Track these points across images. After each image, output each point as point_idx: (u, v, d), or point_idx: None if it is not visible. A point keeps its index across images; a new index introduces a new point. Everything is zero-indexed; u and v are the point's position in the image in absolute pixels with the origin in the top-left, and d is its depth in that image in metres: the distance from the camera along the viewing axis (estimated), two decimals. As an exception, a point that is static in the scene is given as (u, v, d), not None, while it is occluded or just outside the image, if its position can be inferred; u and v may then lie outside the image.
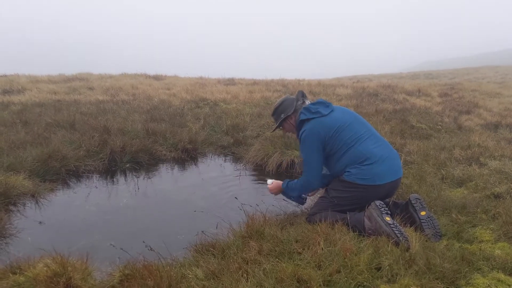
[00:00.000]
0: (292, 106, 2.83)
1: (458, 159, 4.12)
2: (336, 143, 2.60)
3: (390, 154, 2.63)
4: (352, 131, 2.61)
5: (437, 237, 2.39)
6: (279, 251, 2.15)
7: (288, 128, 2.94)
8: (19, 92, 7.85)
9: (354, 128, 2.63)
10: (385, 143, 2.70)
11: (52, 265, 1.93)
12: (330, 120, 2.64)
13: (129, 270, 1.97)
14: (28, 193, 3.25)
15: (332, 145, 2.61)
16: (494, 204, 2.82)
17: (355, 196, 2.57)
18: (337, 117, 2.66)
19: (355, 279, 1.88)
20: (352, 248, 2.10)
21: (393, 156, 2.65)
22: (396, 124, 5.65)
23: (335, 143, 2.60)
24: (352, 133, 2.60)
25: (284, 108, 2.86)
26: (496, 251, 2.20)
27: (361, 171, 2.52)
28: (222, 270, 1.97)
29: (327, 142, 2.62)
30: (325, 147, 2.64)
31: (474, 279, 1.93)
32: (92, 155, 4.14)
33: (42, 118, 5.34)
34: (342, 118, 2.66)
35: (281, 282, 1.84)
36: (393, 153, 2.67)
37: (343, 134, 2.60)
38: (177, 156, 4.58)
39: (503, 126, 5.98)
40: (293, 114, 2.82)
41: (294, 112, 2.82)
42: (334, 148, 2.62)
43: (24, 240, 2.60)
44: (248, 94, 8.07)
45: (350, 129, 2.61)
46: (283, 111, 2.86)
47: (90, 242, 2.59)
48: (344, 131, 2.60)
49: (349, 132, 2.60)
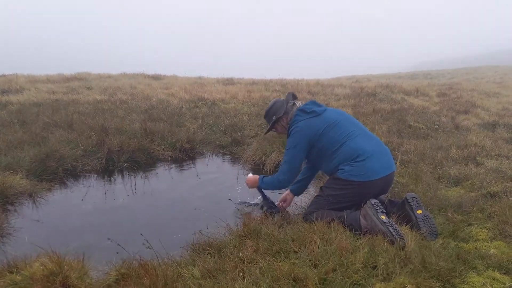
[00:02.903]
0: (283, 107, 2.90)
1: (455, 159, 4.13)
2: (327, 140, 2.66)
3: (381, 149, 2.67)
4: (342, 129, 2.68)
5: (433, 235, 2.40)
6: (276, 250, 2.16)
7: (280, 130, 3.01)
8: (17, 91, 7.83)
9: (344, 125, 2.70)
10: (375, 140, 2.74)
11: (49, 264, 1.94)
12: (321, 119, 2.72)
13: (126, 269, 1.98)
14: (25, 193, 3.25)
15: (324, 142, 2.67)
16: (490, 203, 2.82)
17: (350, 193, 2.58)
18: (329, 116, 2.75)
19: (350, 277, 1.88)
20: (348, 246, 2.11)
21: (385, 151, 2.70)
22: (394, 123, 5.65)
23: (326, 140, 2.66)
24: (343, 130, 2.67)
25: (275, 110, 2.93)
26: (491, 250, 2.20)
27: (354, 167, 2.54)
28: (219, 269, 1.98)
29: (317, 140, 2.68)
30: (314, 146, 2.71)
31: (469, 278, 1.94)
32: (89, 155, 4.14)
33: (39, 117, 5.34)
34: (333, 117, 2.74)
35: (277, 280, 1.85)
36: (384, 148, 2.72)
37: (334, 131, 2.67)
38: (175, 155, 4.58)
39: (501, 126, 5.99)
40: (284, 116, 2.90)
41: (285, 113, 2.89)
42: (325, 145, 2.67)
43: (21, 239, 2.61)
44: (247, 94, 8.08)
45: (340, 127, 2.68)
46: (274, 113, 2.93)
47: (86, 241, 2.59)
48: (334, 128, 2.68)
49: (339, 129, 2.67)
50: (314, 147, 2.71)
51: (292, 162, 2.76)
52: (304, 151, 2.73)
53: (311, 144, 2.71)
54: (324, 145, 2.67)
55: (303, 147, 2.71)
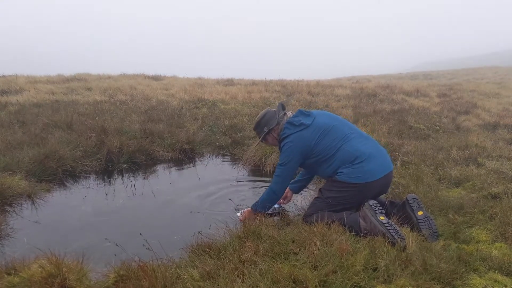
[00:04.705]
0: (275, 118, 2.84)
1: (456, 160, 4.11)
2: (322, 147, 2.63)
3: (378, 150, 2.66)
4: (337, 133, 2.64)
5: (434, 237, 2.38)
6: (276, 252, 2.14)
7: (271, 141, 2.94)
8: (17, 92, 7.83)
9: (338, 129, 2.67)
10: (371, 141, 2.73)
11: (47, 266, 1.92)
12: (311, 130, 2.66)
13: (124, 271, 1.97)
14: (24, 194, 3.24)
15: (319, 150, 2.63)
16: (491, 204, 2.81)
17: (350, 195, 2.57)
18: (320, 123, 2.69)
19: (351, 279, 1.87)
20: (349, 248, 2.10)
21: (381, 152, 2.68)
22: (394, 124, 5.64)
23: (321, 148, 2.63)
24: (338, 134, 2.64)
25: (266, 121, 2.87)
26: (493, 252, 2.19)
27: (353, 170, 2.53)
28: (218, 270, 1.96)
29: (311, 151, 2.64)
30: (308, 157, 2.67)
31: (470, 280, 1.92)
32: (89, 156, 4.13)
33: (39, 118, 5.33)
34: (325, 123, 2.69)
35: (277, 282, 1.83)
36: (380, 149, 2.71)
37: (328, 137, 2.63)
38: (175, 156, 4.57)
39: (501, 127, 5.99)
40: (276, 127, 2.83)
41: (277, 124, 2.83)
42: (321, 153, 2.63)
43: (19, 241, 2.59)
44: (246, 95, 8.08)
45: (335, 131, 2.65)
46: (266, 124, 2.86)
47: (85, 243, 2.57)
48: (329, 134, 2.64)
49: (333, 135, 2.64)
50: (308, 158, 2.68)
51: (285, 176, 2.72)
52: (297, 164, 2.70)
53: (305, 156, 2.67)
54: (320, 153, 2.63)
55: (297, 161, 2.68)
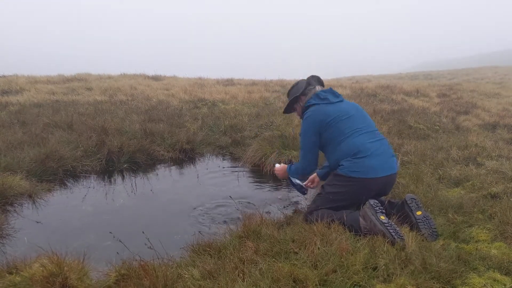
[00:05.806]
0: (302, 88, 2.90)
1: (456, 159, 4.12)
2: (334, 130, 2.65)
3: (384, 150, 2.65)
4: (351, 123, 2.66)
5: (433, 236, 2.39)
6: (276, 251, 2.15)
7: (298, 110, 3.01)
8: (17, 92, 7.84)
9: (355, 120, 2.68)
10: (382, 140, 2.71)
11: (48, 265, 1.93)
12: (332, 108, 2.70)
13: (125, 270, 1.97)
14: (25, 193, 3.25)
15: (331, 131, 2.66)
16: (491, 204, 2.82)
17: (349, 190, 2.58)
18: (343, 107, 2.73)
19: (351, 278, 1.88)
20: (348, 247, 2.11)
21: (388, 153, 2.68)
22: (394, 124, 5.65)
23: (333, 129, 2.65)
24: (350, 125, 2.65)
25: (296, 90, 2.95)
26: (492, 251, 2.20)
27: (353, 164, 2.54)
28: (219, 270, 1.97)
29: (325, 127, 2.68)
30: (322, 133, 2.70)
31: (470, 279, 1.93)
32: (89, 156, 4.14)
33: (40, 118, 5.34)
34: (345, 109, 2.72)
35: (277, 282, 1.84)
36: (388, 150, 2.70)
37: (343, 123, 2.65)
38: (175, 156, 4.58)
39: (501, 126, 5.99)
40: (302, 96, 2.89)
41: (302, 94, 2.89)
42: (332, 135, 2.66)
43: (20, 240, 2.60)
44: (247, 95, 8.09)
45: (349, 121, 2.67)
46: (295, 92, 2.94)
47: (86, 242, 2.58)
48: (343, 121, 2.66)
49: (348, 123, 2.66)
50: (321, 134, 2.70)
51: (305, 147, 2.78)
52: (314, 136, 2.71)
53: (320, 130, 2.69)
54: (331, 134, 2.66)
55: (313, 132, 2.70)
